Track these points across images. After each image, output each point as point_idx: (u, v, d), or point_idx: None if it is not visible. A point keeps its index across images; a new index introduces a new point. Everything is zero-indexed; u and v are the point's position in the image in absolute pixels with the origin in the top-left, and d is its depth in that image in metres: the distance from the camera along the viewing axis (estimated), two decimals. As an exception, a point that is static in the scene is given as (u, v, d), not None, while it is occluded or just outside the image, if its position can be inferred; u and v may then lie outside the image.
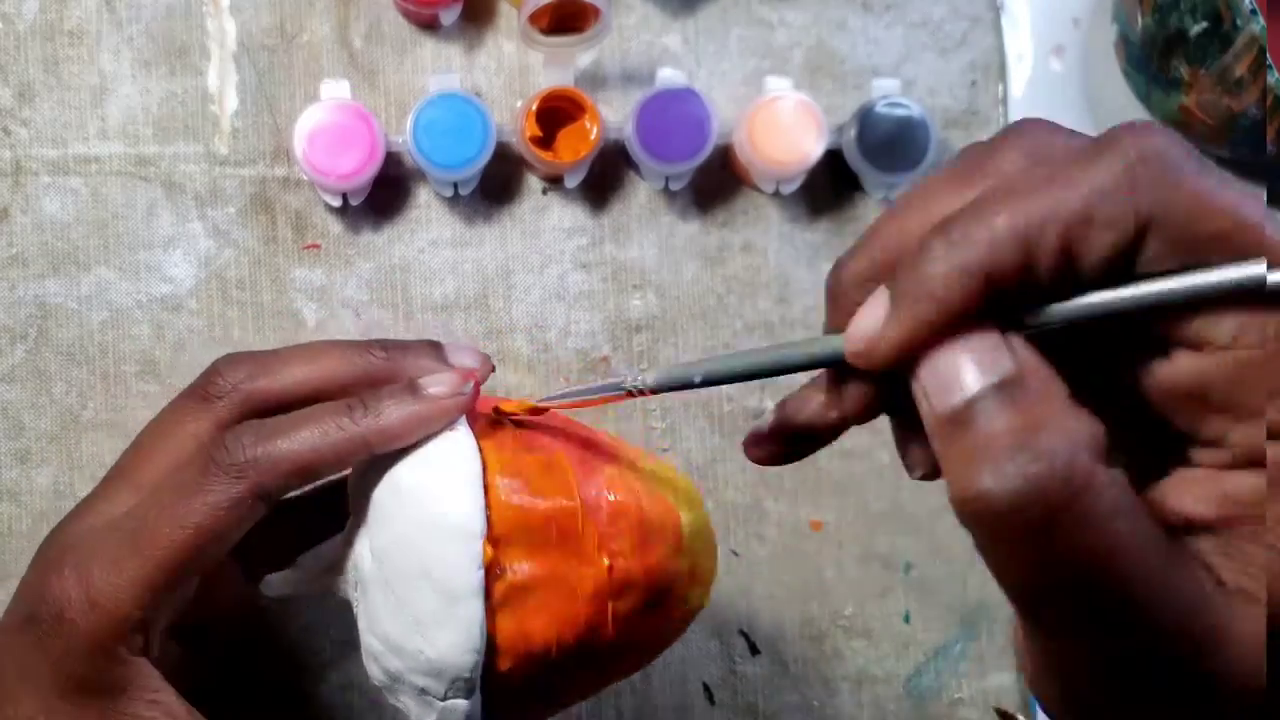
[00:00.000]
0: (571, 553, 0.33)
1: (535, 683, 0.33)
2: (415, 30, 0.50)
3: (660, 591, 0.34)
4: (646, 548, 0.34)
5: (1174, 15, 0.47)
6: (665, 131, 0.48)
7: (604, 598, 0.33)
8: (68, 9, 0.48)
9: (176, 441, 0.35)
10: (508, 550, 0.32)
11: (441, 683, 0.32)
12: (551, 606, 0.32)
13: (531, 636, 0.32)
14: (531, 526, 0.33)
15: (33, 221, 0.48)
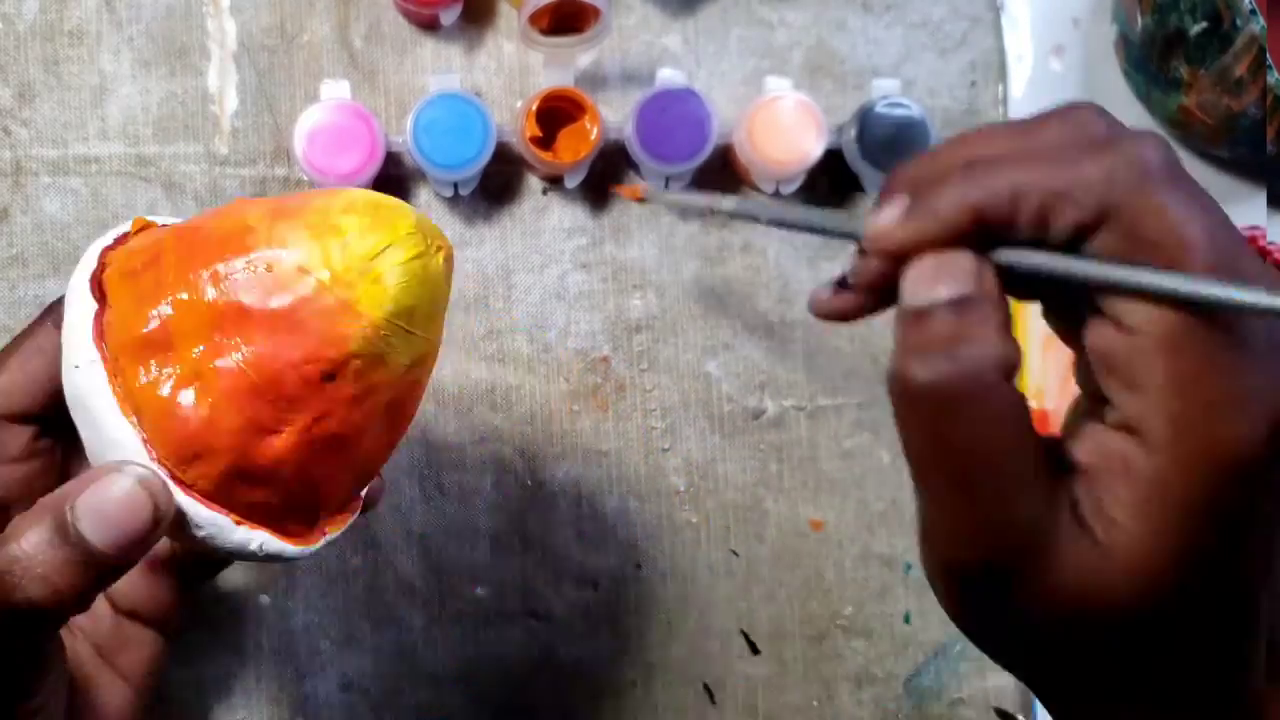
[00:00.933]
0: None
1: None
2: (415, 30, 0.50)
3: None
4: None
5: (1174, 15, 0.47)
6: (665, 132, 0.48)
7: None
8: (68, 9, 0.48)
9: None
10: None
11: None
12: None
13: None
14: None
15: (33, 221, 0.48)
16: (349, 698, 0.49)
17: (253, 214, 0.32)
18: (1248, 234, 0.53)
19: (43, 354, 0.36)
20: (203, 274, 0.31)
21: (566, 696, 0.50)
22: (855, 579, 0.51)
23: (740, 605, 0.51)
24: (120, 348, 0.31)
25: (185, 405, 0.30)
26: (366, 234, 0.31)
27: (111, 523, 0.29)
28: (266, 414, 0.31)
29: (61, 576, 0.28)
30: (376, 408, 0.32)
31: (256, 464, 0.31)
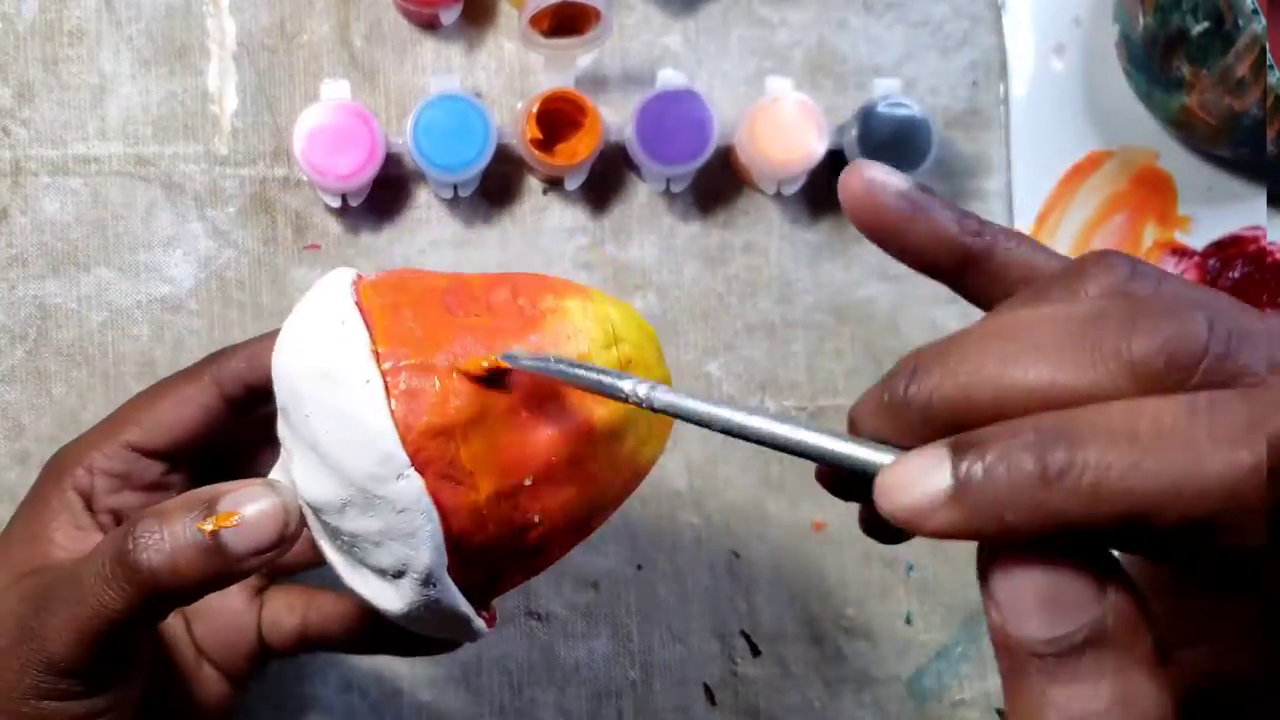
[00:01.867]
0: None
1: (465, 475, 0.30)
2: (415, 30, 0.50)
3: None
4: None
5: (1175, 15, 0.47)
6: (666, 133, 0.48)
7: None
8: (68, 9, 0.48)
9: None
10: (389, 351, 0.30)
11: (372, 493, 0.29)
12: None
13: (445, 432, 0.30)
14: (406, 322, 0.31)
15: (32, 222, 0.48)
16: (349, 699, 0.49)
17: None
18: (1249, 234, 0.53)
19: (194, 405, 0.37)
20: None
21: (566, 696, 0.50)
22: (857, 580, 0.51)
23: (741, 606, 0.51)
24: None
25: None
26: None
27: (245, 526, 0.30)
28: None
29: (185, 557, 0.30)
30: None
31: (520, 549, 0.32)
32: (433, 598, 0.31)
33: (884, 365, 0.51)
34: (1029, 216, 0.52)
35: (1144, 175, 0.53)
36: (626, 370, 0.32)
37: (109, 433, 0.38)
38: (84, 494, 0.37)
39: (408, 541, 0.30)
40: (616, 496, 0.34)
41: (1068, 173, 0.52)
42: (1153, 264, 0.23)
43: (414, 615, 0.32)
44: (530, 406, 0.31)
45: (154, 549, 0.30)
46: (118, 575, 0.30)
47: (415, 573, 0.30)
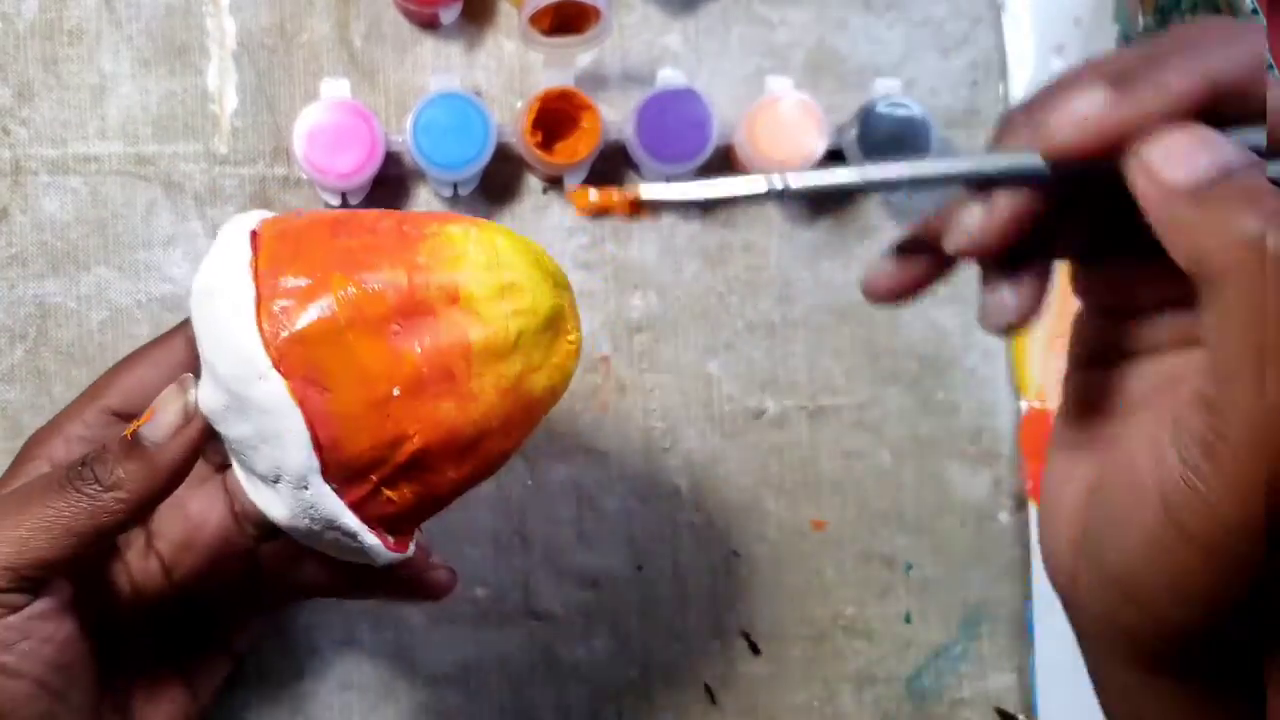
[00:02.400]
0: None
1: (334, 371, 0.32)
2: (415, 29, 0.50)
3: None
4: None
5: (1175, 15, 0.47)
6: (666, 132, 0.48)
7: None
8: (67, 9, 0.48)
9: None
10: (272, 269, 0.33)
11: (241, 395, 0.32)
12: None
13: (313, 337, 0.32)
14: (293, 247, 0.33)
15: (32, 221, 0.48)
16: (347, 697, 0.49)
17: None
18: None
19: (167, 366, 0.39)
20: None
21: (566, 696, 0.50)
22: (856, 579, 0.51)
23: (741, 605, 0.51)
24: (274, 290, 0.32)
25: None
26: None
27: (154, 416, 0.33)
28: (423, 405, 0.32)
29: (116, 460, 0.33)
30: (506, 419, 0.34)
31: (399, 459, 0.33)
32: (309, 503, 0.32)
33: (884, 365, 0.51)
34: (1029, 216, 0.52)
35: (1144, 175, 0.53)
36: (510, 293, 0.33)
37: (86, 403, 0.39)
38: (58, 461, 0.38)
39: (277, 443, 0.32)
40: (508, 422, 0.34)
41: (1068, 172, 0.52)
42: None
43: (303, 527, 0.33)
44: (402, 319, 0.32)
45: (97, 463, 0.33)
46: (65, 491, 0.33)
47: (289, 475, 0.32)
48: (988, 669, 0.52)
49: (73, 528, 0.33)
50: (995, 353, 0.52)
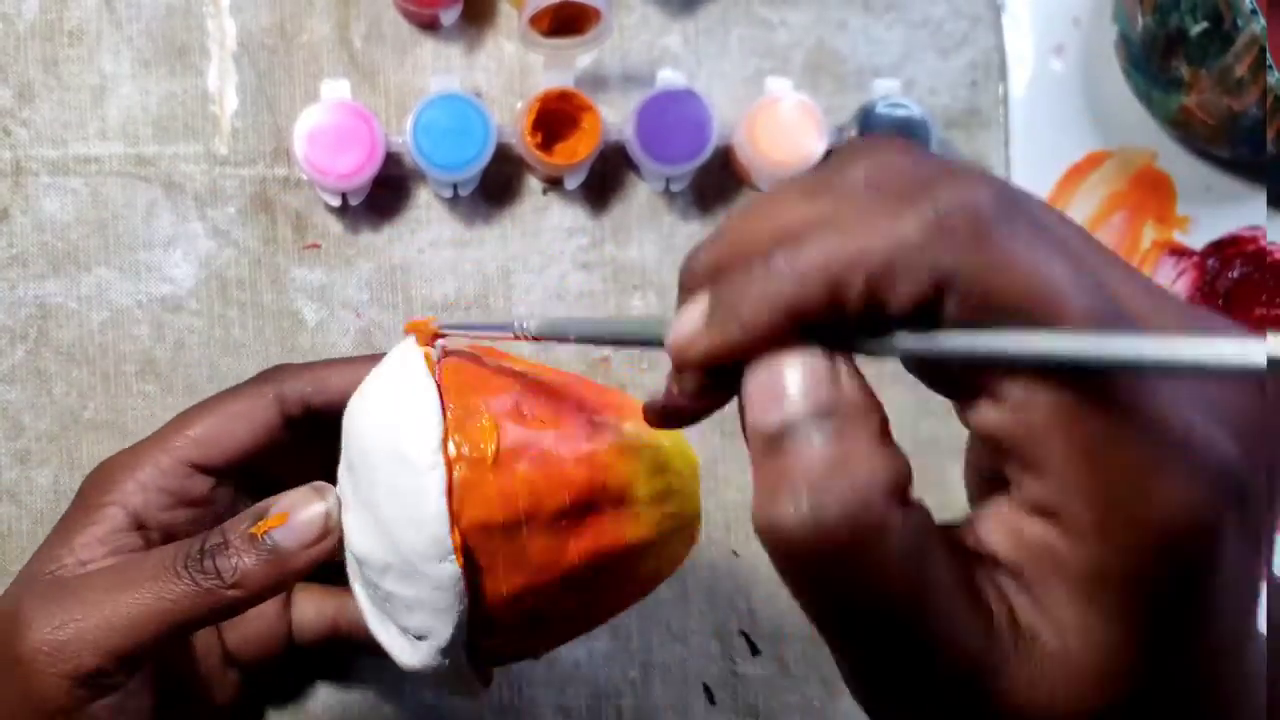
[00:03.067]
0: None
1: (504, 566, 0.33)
2: (415, 30, 0.50)
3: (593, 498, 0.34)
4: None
5: (1174, 15, 0.47)
6: (665, 133, 0.48)
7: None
8: (68, 9, 0.48)
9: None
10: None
11: (416, 567, 0.32)
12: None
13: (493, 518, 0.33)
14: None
15: (33, 222, 0.48)
16: (349, 698, 0.49)
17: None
18: (1248, 234, 0.53)
19: (254, 423, 0.38)
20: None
21: (566, 696, 0.50)
22: (855, 579, 0.51)
23: (741, 606, 0.51)
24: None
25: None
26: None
27: (293, 523, 0.33)
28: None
29: (246, 561, 0.33)
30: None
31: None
32: (445, 665, 0.34)
33: (883, 365, 0.51)
34: (1028, 216, 0.52)
35: (1143, 175, 0.53)
36: (668, 499, 0.35)
37: (164, 447, 0.38)
38: (133, 510, 0.37)
39: (437, 615, 0.32)
40: (624, 606, 0.37)
41: (1067, 173, 0.53)
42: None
43: (425, 673, 0.34)
44: (573, 516, 0.34)
45: (219, 555, 0.33)
46: (182, 579, 0.32)
47: (436, 641, 0.33)
48: (987, 669, 0.52)
49: (188, 618, 0.33)
50: (995, 353, 0.52)
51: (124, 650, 0.32)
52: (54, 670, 0.32)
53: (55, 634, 0.32)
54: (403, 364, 0.34)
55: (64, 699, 0.32)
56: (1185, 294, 0.53)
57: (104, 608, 0.33)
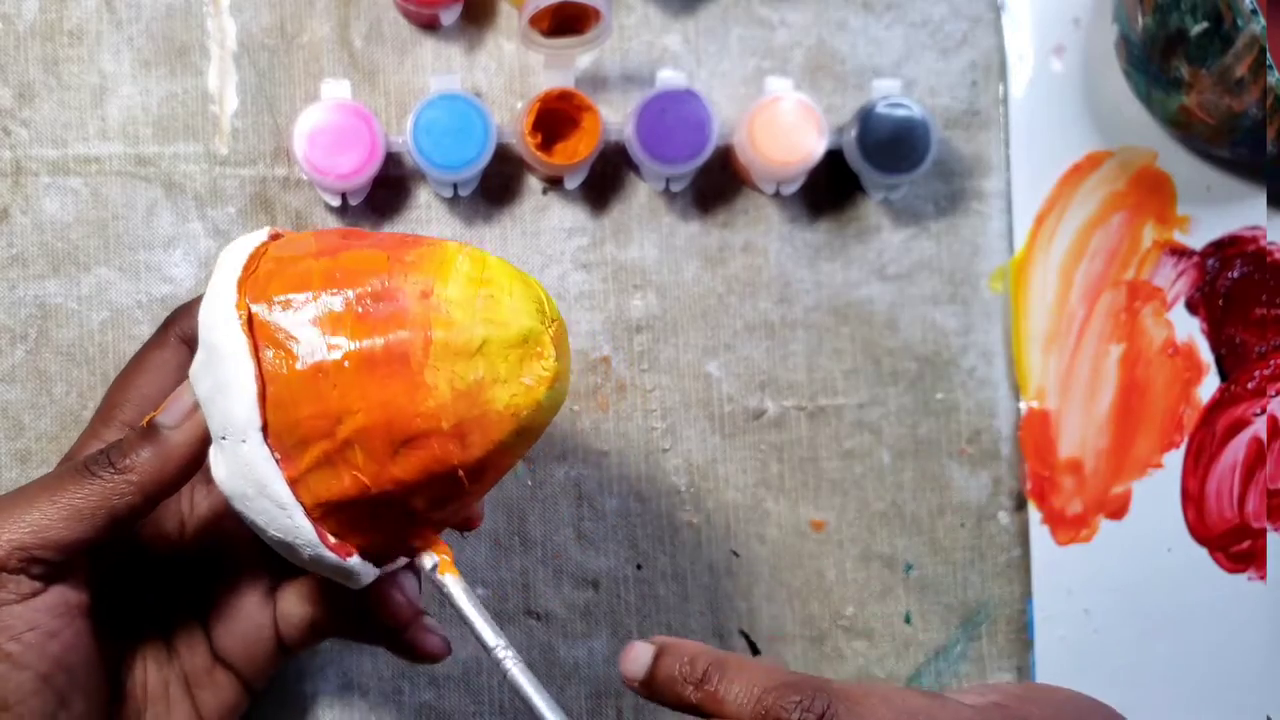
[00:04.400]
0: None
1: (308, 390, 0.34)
2: (415, 30, 0.50)
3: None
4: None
5: (1175, 15, 0.47)
6: (666, 133, 0.48)
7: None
8: (68, 9, 0.48)
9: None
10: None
11: (209, 341, 0.34)
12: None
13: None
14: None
15: (33, 222, 0.48)
16: (349, 697, 0.49)
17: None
18: (1248, 234, 0.53)
19: (171, 368, 0.40)
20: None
21: (567, 696, 0.50)
22: (856, 579, 0.51)
23: (741, 606, 0.51)
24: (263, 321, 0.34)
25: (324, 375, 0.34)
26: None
27: (167, 407, 0.36)
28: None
29: (134, 448, 0.35)
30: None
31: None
32: (245, 461, 0.33)
33: (883, 365, 0.51)
34: (1028, 217, 0.52)
35: (1143, 175, 0.53)
36: (484, 305, 0.34)
37: (104, 419, 0.39)
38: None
39: (226, 393, 0.33)
40: (460, 427, 0.33)
41: (1067, 173, 0.53)
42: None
43: (239, 490, 0.34)
44: (372, 300, 0.34)
45: (114, 451, 0.36)
46: (83, 476, 0.35)
47: (233, 428, 0.33)
48: (988, 669, 0.52)
49: (84, 510, 0.34)
50: (995, 353, 0.52)
51: (24, 543, 0.34)
52: None
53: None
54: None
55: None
56: (1186, 294, 0.53)
57: (11, 507, 0.34)
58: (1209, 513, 0.53)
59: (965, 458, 0.52)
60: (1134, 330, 0.53)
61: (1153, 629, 0.52)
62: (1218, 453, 0.53)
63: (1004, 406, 0.52)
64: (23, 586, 0.34)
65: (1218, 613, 0.52)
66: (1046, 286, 0.52)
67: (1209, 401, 0.53)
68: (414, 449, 0.33)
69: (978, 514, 0.52)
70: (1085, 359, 0.52)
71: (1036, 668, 0.51)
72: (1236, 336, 0.53)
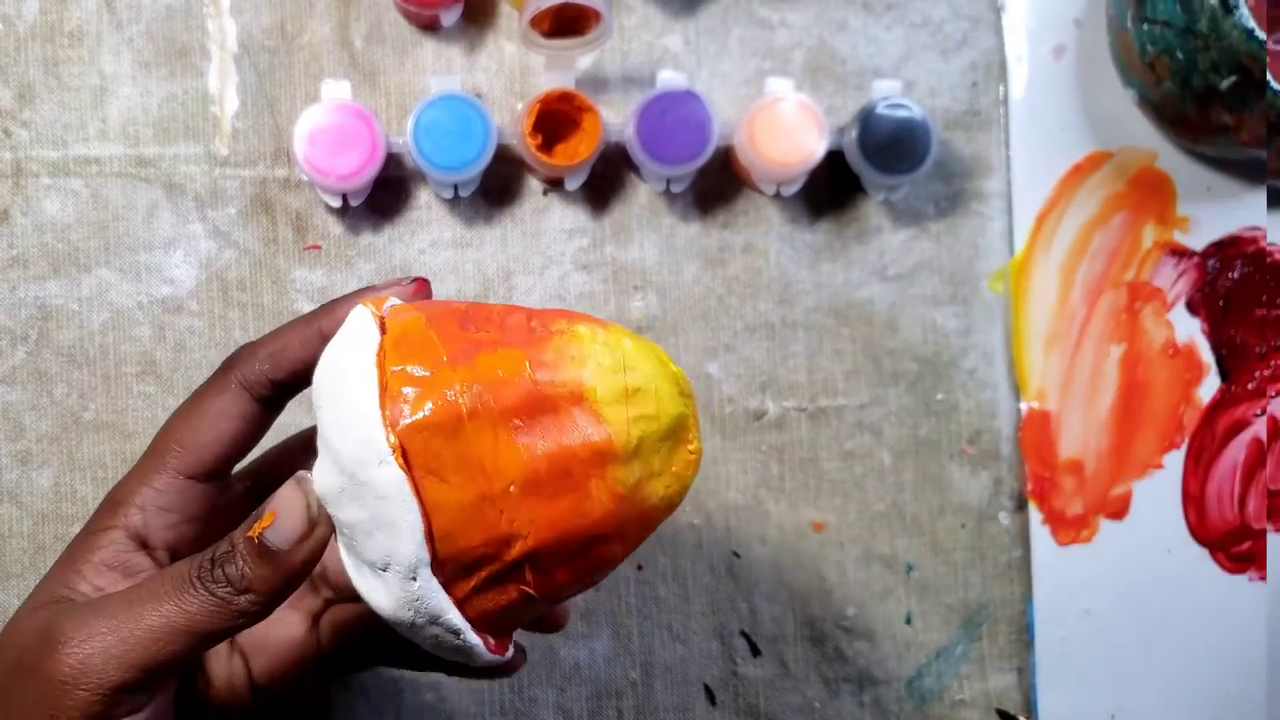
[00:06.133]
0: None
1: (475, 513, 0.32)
2: (416, 31, 0.50)
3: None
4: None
5: (1196, 76, 0.47)
6: (666, 133, 0.48)
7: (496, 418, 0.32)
8: (68, 10, 0.48)
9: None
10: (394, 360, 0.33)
11: (358, 479, 0.31)
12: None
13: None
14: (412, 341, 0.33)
15: (33, 223, 0.48)
16: (349, 698, 0.49)
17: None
18: (1248, 234, 0.53)
19: (230, 418, 0.37)
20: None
21: (566, 696, 0.50)
22: (857, 580, 0.51)
23: (742, 606, 0.51)
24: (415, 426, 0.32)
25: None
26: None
27: (279, 520, 0.33)
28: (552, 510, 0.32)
29: (248, 566, 0.33)
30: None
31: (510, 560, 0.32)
32: (416, 595, 0.32)
33: (883, 365, 0.51)
34: (1028, 217, 0.52)
35: (1143, 176, 0.53)
36: (634, 398, 0.33)
37: (155, 464, 0.37)
38: (134, 531, 0.37)
39: (390, 532, 0.31)
40: (623, 528, 0.33)
41: (1067, 173, 0.53)
42: None
43: (406, 620, 0.32)
44: (525, 416, 0.32)
45: (227, 563, 0.33)
46: (198, 591, 0.33)
47: (398, 565, 0.31)
48: (988, 670, 0.52)
49: (207, 629, 0.33)
50: (995, 354, 0.52)
51: (147, 664, 0.32)
52: (80, 685, 0.32)
53: (80, 648, 0.33)
54: (354, 313, 0.34)
55: (84, 714, 0.32)
56: (1186, 294, 0.53)
57: (127, 623, 0.33)
58: (1209, 513, 0.53)
59: (966, 458, 0.52)
60: (1134, 331, 0.53)
61: (1153, 630, 0.52)
62: (1218, 453, 0.53)
63: (1004, 407, 0.52)
64: (135, 702, 0.33)
65: (1218, 613, 0.52)
66: (1047, 287, 0.52)
67: (1209, 402, 0.53)
68: (580, 558, 0.33)
69: (978, 515, 0.52)
70: (1086, 360, 0.52)
71: (1037, 668, 0.51)
72: (1237, 337, 0.53)
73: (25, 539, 0.48)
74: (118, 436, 0.48)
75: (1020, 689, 0.52)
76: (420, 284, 0.37)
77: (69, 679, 0.32)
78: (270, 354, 0.37)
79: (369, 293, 0.36)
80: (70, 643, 0.33)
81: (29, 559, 0.47)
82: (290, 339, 0.37)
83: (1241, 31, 0.45)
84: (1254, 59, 0.45)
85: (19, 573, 0.47)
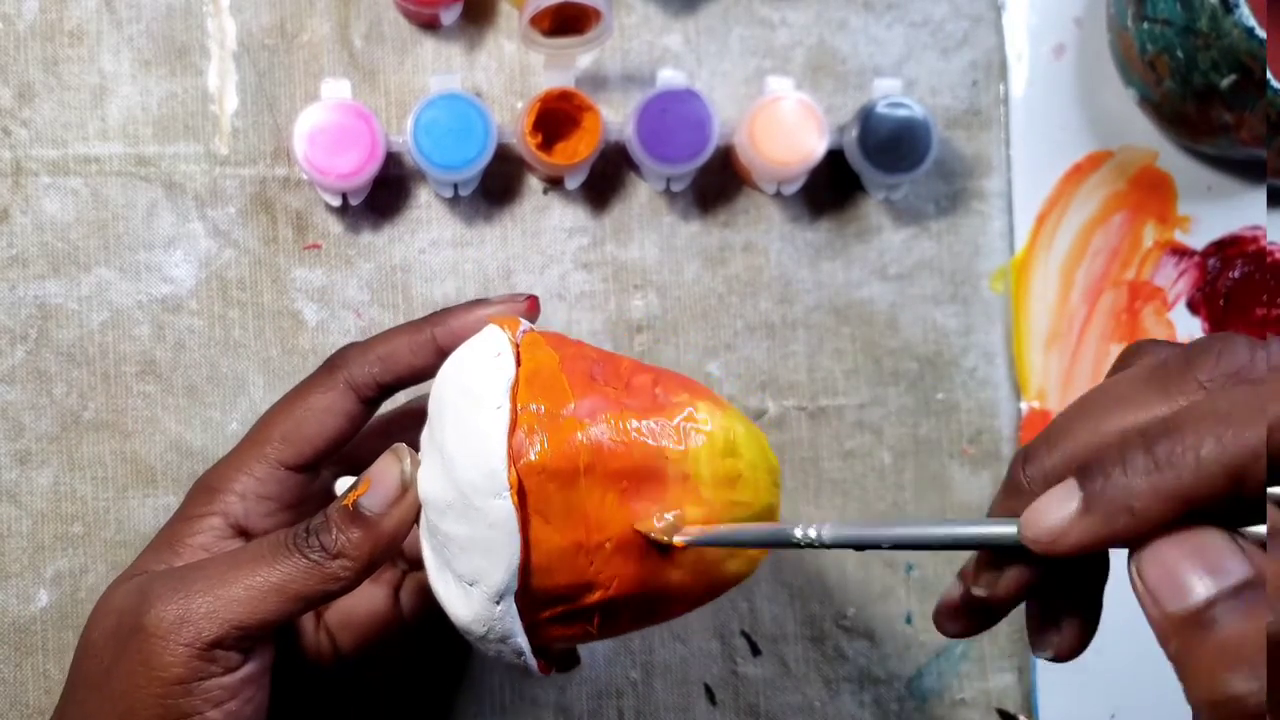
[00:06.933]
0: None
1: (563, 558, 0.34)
2: (416, 30, 0.50)
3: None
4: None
5: (1196, 75, 0.47)
6: (666, 132, 0.48)
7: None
8: (68, 9, 0.48)
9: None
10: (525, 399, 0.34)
11: (471, 502, 0.33)
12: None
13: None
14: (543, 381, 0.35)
15: (33, 222, 0.48)
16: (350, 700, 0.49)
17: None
18: (1248, 234, 0.53)
19: (335, 414, 0.39)
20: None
21: (566, 696, 0.50)
22: (857, 580, 0.51)
23: (742, 606, 0.51)
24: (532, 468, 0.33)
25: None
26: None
27: (374, 485, 0.34)
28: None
29: (343, 530, 0.34)
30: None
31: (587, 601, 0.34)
32: (496, 617, 0.34)
33: (884, 365, 0.51)
34: (1029, 217, 0.52)
35: (1144, 175, 0.53)
36: (734, 484, 0.35)
37: (256, 454, 0.39)
38: (234, 519, 0.38)
39: (488, 555, 0.33)
40: (687, 597, 0.36)
41: (1067, 173, 0.53)
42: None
43: (478, 632, 0.34)
44: (632, 480, 0.34)
45: (322, 531, 0.34)
46: (293, 555, 0.34)
47: (487, 587, 0.33)
48: (988, 669, 0.52)
49: (301, 592, 0.34)
50: (995, 353, 0.52)
51: (242, 622, 0.34)
52: (176, 638, 0.33)
53: (178, 605, 0.34)
54: (488, 331, 0.36)
55: (183, 669, 0.33)
56: (1186, 294, 0.53)
57: (224, 583, 0.34)
58: (1210, 513, 0.52)
59: (966, 458, 0.52)
60: (1135, 330, 0.53)
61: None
62: (1219, 453, 0.53)
63: (1005, 407, 0.52)
64: (231, 660, 0.34)
65: (1219, 613, 0.52)
66: (1047, 286, 0.52)
67: (1210, 401, 0.53)
68: (649, 615, 0.36)
69: (978, 514, 0.52)
70: (1086, 359, 0.52)
71: (1037, 668, 0.51)
72: (1237, 336, 0.53)
73: (24, 538, 0.47)
74: (117, 436, 0.48)
75: (1020, 689, 0.52)
76: (532, 302, 0.39)
77: (168, 632, 0.33)
78: (380, 357, 0.39)
79: (481, 306, 0.38)
80: (169, 599, 0.34)
81: (28, 558, 0.47)
82: (400, 344, 0.38)
83: (1242, 30, 0.45)
84: (1254, 58, 0.45)
85: (18, 572, 0.47)
